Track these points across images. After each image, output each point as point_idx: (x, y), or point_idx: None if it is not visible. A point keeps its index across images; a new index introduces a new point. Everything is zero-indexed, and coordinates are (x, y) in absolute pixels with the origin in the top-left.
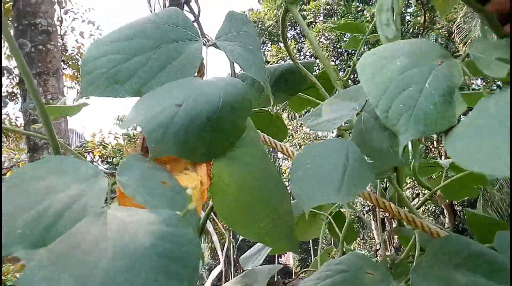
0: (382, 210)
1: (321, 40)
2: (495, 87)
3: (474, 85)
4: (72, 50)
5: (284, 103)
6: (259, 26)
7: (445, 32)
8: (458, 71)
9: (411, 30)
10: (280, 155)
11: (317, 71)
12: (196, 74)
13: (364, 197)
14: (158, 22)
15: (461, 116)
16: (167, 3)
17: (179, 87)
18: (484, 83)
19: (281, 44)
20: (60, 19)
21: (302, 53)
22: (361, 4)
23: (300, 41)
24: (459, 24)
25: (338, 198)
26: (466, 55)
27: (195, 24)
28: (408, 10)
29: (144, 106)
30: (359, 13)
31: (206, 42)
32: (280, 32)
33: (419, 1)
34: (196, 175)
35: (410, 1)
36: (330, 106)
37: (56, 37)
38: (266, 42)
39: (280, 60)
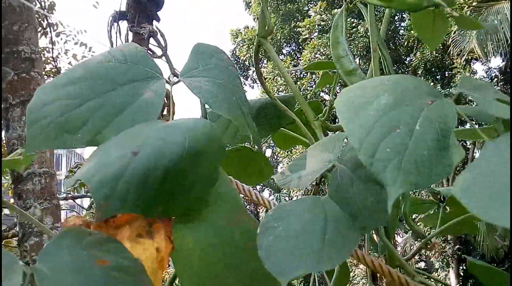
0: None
1: (317, 55)
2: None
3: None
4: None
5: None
6: (254, 43)
7: (440, 45)
8: (452, 112)
9: (405, 43)
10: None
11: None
12: (162, 115)
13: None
14: (114, 60)
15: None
16: (130, 38)
17: (136, 133)
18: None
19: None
20: (51, 41)
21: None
22: (355, 19)
23: (296, 57)
24: (454, 37)
25: (318, 267)
26: (458, 94)
27: (163, 58)
28: (402, 24)
29: (96, 158)
30: (354, 29)
31: (170, 80)
32: (275, 49)
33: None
34: (151, 242)
35: (403, 15)
36: (301, 160)
37: (41, 64)
38: (262, 59)
39: (277, 76)
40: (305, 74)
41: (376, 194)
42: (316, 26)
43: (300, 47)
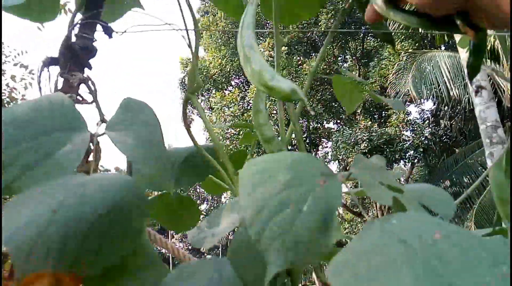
0: None
1: None
2: None
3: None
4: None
5: None
6: (204, 73)
7: (378, 87)
8: (339, 193)
9: None
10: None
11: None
12: (86, 163)
13: None
14: (39, 109)
15: None
16: (60, 85)
17: (55, 188)
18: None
19: (226, 91)
20: None
21: (245, 100)
22: (301, 58)
23: (244, 89)
24: (391, 80)
25: None
26: (349, 173)
27: (93, 104)
28: (345, 65)
29: (13, 214)
30: (299, 67)
31: (95, 132)
32: (224, 80)
33: (354, 57)
34: None
35: (346, 57)
36: (217, 217)
37: None
38: (211, 89)
39: (224, 107)
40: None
41: (263, 267)
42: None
43: (248, 80)
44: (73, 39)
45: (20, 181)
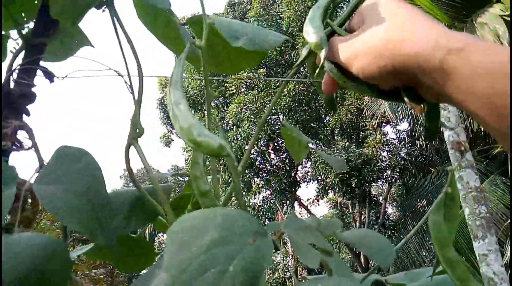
0: None
1: (243, 110)
2: None
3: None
4: None
5: None
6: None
7: (355, 108)
8: (269, 253)
9: (324, 105)
10: None
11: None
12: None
13: None
14: None
15: None
16: None
17: None
18: None
19: (205, 112)
20: None
21: (224, 121)
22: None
23: (223, 110)
24: (368, 102)
25: None
26: (281, 233)
27: (32, 149)
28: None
29: None
30: (277, 88)
31: (23, 187)
32: (203, 101)
33: None
34: None
35: None
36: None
37: None
38: (191, 110)
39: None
40: (231, 127)
41: None
42: (244, 82)
43: (228, 100)
44: (12, 85)
45: None
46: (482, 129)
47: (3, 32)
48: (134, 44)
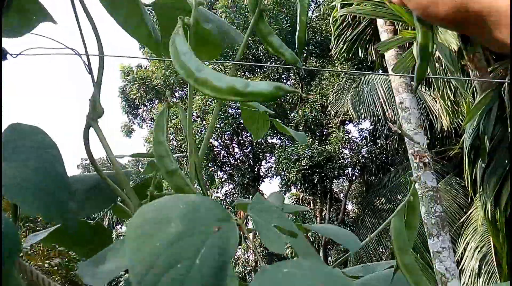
0: None
1: (208, 102)
2: None
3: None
4: None
5: None
6: (146, 83)
7: (319, 105)
8: (235, 238)
9: (290, 100)
10: None
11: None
12: None
13: None
14: None
15: None
16: None
17: None
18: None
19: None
20: None
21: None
22: (246, 73)
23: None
24: (331, 100)
25: None
26: (246, 216)
27: None
28: (288, 82)
29: None
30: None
31: None
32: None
33: (297, 76)
34: None
35: (290, 75)
36: (105, 252)
37: None
38: (154, 99)
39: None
40: (195, 119)
41: None
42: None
43: (193, 92)
44: None
45: None
46: (439, 130)
47: None
48: (96, 25)
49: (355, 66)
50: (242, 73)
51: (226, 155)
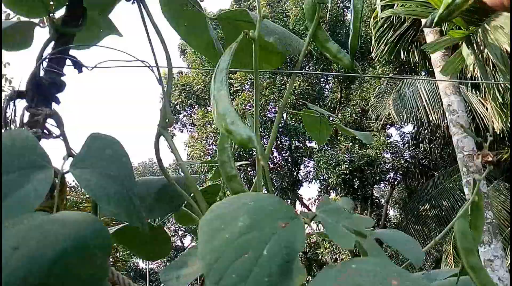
0: None
1: (247, 107)
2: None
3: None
4: None
5: None
6: (187, 89)
7: (359, 109)
8: (302, 235)
9: (329, 104)
10: None
11: None
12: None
13: None
14: (3, 147)
15: None
16: (26, 119)
17: (16, 226)
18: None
19: (209, 108)
20: None
21: None
22: (284, 77)
23: None
24: (373, 104)
25: None
26: (314, 215)
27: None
28: (327, 86)
29: None
30: (282, 86)
31: (59, 170)
32: (207, 97)
33: (336, 79)
34: None
35: (329, 78)
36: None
37: None
38: (194, 105)
39: (207, 124)
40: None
41: None
42: (248, 79)
43: (233, 96)
44: (42, 73)
45: None
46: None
47: (32, 20)
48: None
49: (397, 69)
50: (281, 77)
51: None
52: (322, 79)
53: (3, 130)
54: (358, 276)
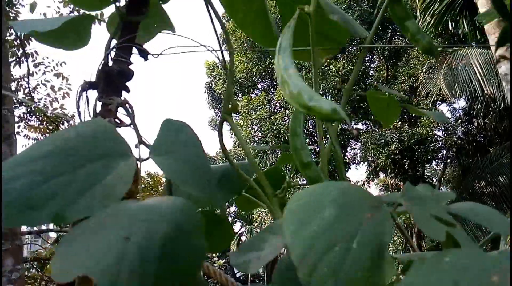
0: None
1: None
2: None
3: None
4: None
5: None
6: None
7: (407, 86)
8: (390, 226)
9: (374, 83)
10: None
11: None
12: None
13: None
14: (83, 136)
15: None
16: (98, 108)
17: (117, 215)
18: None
19: (252, 95)
20: (28, 72)
21: (272, 103)
22: (327, 59)
23: (271, 92)
24: (422, 80)
25: None
26: (398, 204)
27: (131, 126)
28: (372, 65)
29: (84, 245)
30: (326, 68)
31: (139, 157)
32: (250, 84)
33: (382, 57)
34: None
35: (374, 57)
36: (257, 240)
37: (11, 101)
38: (237, 92)
39: (251, 110)
40: (278, 109)
41: None
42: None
43: (275, 83)
44: (110, 63)
45: (72, 209)
46: None
47: (91, 13)
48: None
49: (446, 41)
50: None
51: (310, 143)
52: (367, 59)
53: (77, 121)
54: (454, 271)
